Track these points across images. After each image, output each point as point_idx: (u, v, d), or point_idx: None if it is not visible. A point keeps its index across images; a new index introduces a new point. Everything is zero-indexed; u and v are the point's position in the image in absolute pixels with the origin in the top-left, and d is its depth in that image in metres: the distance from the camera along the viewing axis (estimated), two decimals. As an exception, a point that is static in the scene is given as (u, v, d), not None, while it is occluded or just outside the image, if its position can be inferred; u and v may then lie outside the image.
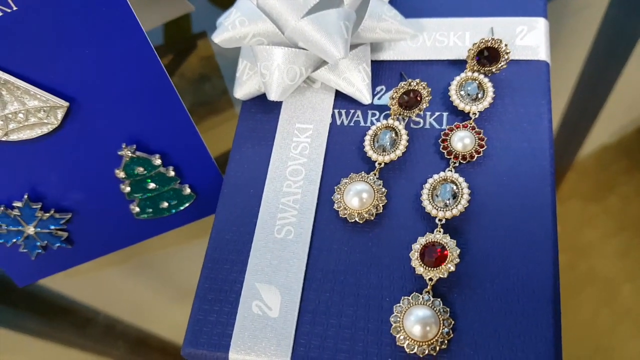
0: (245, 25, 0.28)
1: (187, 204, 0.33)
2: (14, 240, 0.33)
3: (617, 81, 0.41)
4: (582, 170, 0.38)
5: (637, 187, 0.36)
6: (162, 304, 0.38)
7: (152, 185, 0.32)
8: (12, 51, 0.27)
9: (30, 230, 0.32)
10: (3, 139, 0.29)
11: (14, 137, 0.29)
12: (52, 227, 0.32)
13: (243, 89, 0.30)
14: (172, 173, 0.32)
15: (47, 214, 0.32)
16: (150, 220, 0.34)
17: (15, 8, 0.25)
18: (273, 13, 0.29)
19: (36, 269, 0.35)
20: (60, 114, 0.28)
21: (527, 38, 0.30)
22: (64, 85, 0.28)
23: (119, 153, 0.30)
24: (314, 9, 0.28)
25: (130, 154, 0.30)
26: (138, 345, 0.36)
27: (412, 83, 0.28)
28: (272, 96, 0.28)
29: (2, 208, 0.31)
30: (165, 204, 0.33)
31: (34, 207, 0.31)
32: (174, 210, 0.33)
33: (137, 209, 0.33)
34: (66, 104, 0.28)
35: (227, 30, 0.28)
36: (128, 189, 0.32)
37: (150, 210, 0.33)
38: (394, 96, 0.28)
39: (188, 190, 0.33)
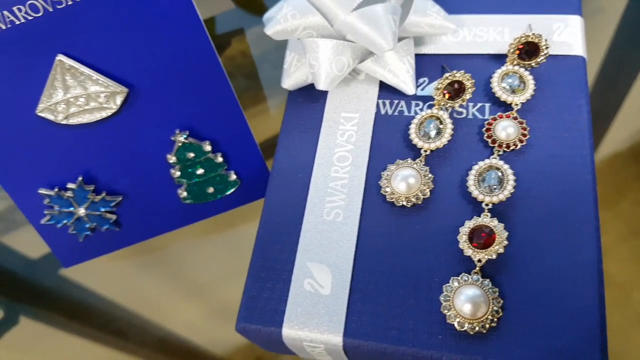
0: (296, 19, 0.30)
1: (231, 190, 0.35)
2: (65, 221, 0.34)
3: (632, 87, 0.42)
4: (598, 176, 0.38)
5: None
6: (174, 299, 0.39)
7: (200, 171, 0.33)
8: (77, 39, 0.28)
9: (81, 212, 0.33)
10: (63, 122, 0.30)
11: (73, 120, 0.30)
12: (102, 209, 0.33)
13: (291, 80, 0.32)
14: (220, 159, 0.33)
15: (99, 197, 0.33)
16: (195, 205, 0.35)
17: (85, -3, 0.27)
18: (322, 7, 0.30)
19: (82, 251, 0.36)
20: (119, 100, 0.30)
21: (563, 34, 0.31)
22: (123, 72, 0.29)
23: (172, 138, 0.31)
24: (363, 3, 0.29)
25: (182, 140, 0.31)
26: (150, 341, 0.38)
27: (456, 74, 0.29)
28: (321, 86, 0.30)
29: (56, 190, 0.32)
30: (211, 189, 0.34)
31: (87, 189, 0.32)
32: (219, 196, 0.35)
33: (185, 194, 0.34)
34: (126, 89, 0.29)
35: (279, 23, 0.30)
36: (178, 173, 0.33)
37: (197, 195, 0.34)
38: (439, 86, 0.29)
39: (234, 177, 0.34)
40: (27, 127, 0.30)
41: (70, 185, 0.32)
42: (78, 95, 0.29)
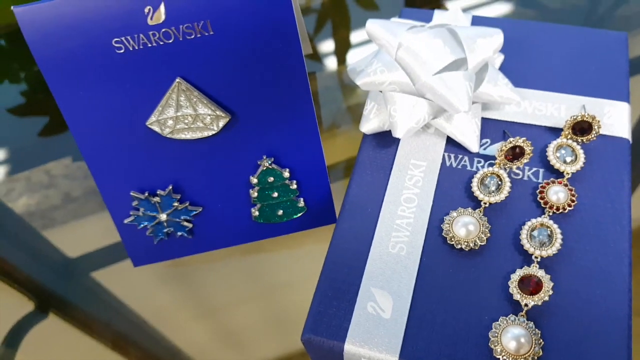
0: (384, 74, 0.34)
1: (298, 215, 0.38)
2: (145, 223, 0.37)
3: None
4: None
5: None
6: (187, 316, 0.41)
7: (275, 194, 0.37)
8: (196, 66, 0.32)
9: (163, 217, 0.37)
10: (167, 136, 0.34)
11: (177, 135, 0.34)
12: (182, 217, 0.37)
13: (368, 125, 0.36)
14: (294, 186, 0.37)
15: (182, 205, 0.37)
16: (263, 224, 0.38)
17: (212, 33, 0.31)
18: (408, 68, 0.34)
19: (153, 253, 0.39)
20: (222, 123, 0.34)
21: (612, 117, 0.35)
22: (229, 100, 0.34)
23: (259, 162, 0.35)
24: (443, 69, 0.34)
25: (267, 165, 0.35)
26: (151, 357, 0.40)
27: (519, 140, 0.33)
28: (398, 134, 0.34)
29: (146, 194, 0.36)
30: (280, 212, 0.38)
31: (174, 197, 0.36)
32: (285, 219, 0.38)
33: (257, 213, 0.38)
34: (229, 115, 0.34)
35: (368, 76, 0.34)
36: (256, 194, 0.37)
37: (267, 215, 0.38)
38: (502, 148, 0.33)
39: (302, 203, 0.38)
40: (134, 135, 0.34)
41: (160, 192, 0.36)
42: (187, 115, 0.33)
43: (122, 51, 0.31)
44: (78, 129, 0.34)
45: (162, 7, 0.30)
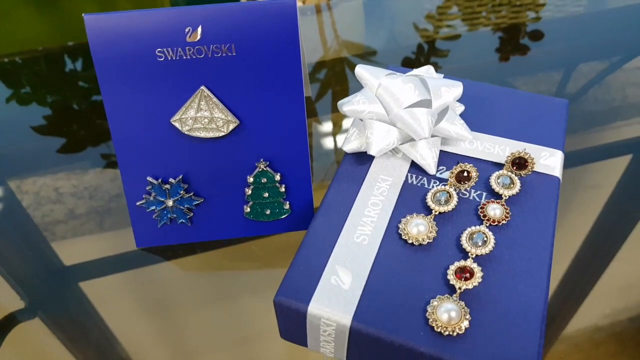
0: (365, 104, 0.42)
1: (283, 217, 0.45)
2: (153, 207, 0.44)
3: (612, 261, 0.48)
4: (573, 345, 0.43)
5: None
6: (160, 355, 0.43)
7: (266, 195, 0.44)
8: (218, 77, 0.41)
9: (170, 203, 0.44)
10: (186, 133, 0.42)
11: (194, 133, 0.42)
12: (186, 205, 0.44)
13: (350, 145, 0.44)
14: (282, 190, 0.44)
15: (187, 195, 0.44)
16: (253, 221, 0.45)
17: (234, 54, 0.40)
18: (384, 102, 0.43)
19: (156, 236, 0.46)
20: (231, 127, 0.42)
21: (548, 160, 0.43)
22: (239, 108, 0.42)
23: (256, 164, 0.43)
24: (412, 105, 0.42)
25: (263, 167, 0.43)
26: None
27: (467, 166, 0.41)
28: (372, 152, 0.42)
29: (159, 181, 0.43)
30: (268, 212, 0.45)
31: (182, 186, 0.43)
32: (272, 218, 0.45)
33: (248, 210, 0.45)
34: (238, 121, 0.42)
35: (352, 105, 0.42)
36: (249, 192, 0.44)
37: (256, 213, 0.45)
38: (453, 171, 0.41)
39: (287, 206, 0.45)
40: (158, 129, 0.42)
41: (171, 180, 0.43)
42: (205, 117, 0.41)
43: (162, 59, 0.40)
44: (115, 119, 0.42)
45: (199, 29, 0.39)
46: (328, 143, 0.62)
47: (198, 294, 0.46)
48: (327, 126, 0.63)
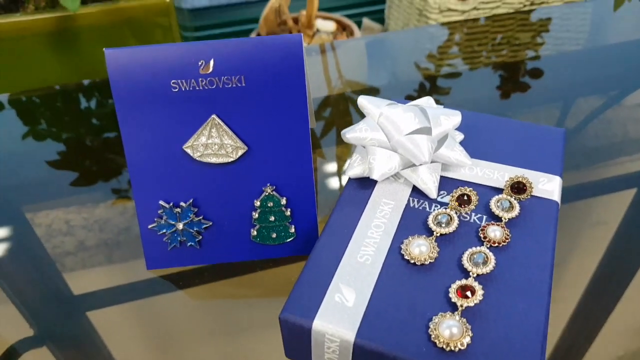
0: (368, 132, 0.44)
1: (288, 240, 0.46)
2: (164, 230, 0.46)
3: (619, 302, 0.47)
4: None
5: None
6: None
7: (272, 218, 0.46)
8: (228, 107, 0.43)
9: (180, 226, 0.45)
10: (197, 159, 0.44)
11: (205, 159, 0.44)
12: (195, 228, 0.46)
13: (353, 171, 0.46)
14: (288, 213, 0.46)
15: (197, 218, 0.45)
16: (259, 244, 0.47)
17: (244, 85, 0.43)
18: (386, 129, 0.45)
19: (166, 259, 0.47)
20: (240, 153, 0.44)
21: (546, 185, 0.45)
22: (247, 135, 0.44)
23: (263, 189, 0.45)
24: (413, 132, 0.44)
25: (269, 192, 0.45)
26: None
27: (467, 190, 0.42)
28: (374, 176, 0.43)
29: (171, 204, 0.45)
30: (274, 235, 0.46)
31: (192, 210, 0.45)
32: (277, 242, 0.46)
33: (255, 233, 0.46)
34: (246, 147, 0.44)
35: (355, 132, 0.44)
36: (256, 216, 0.45)
37: (263, 236, 0.46)
38: (454, 195, 0.42)
39: (292, 230, 0.46)
40: (171, 155, 0.44)
41: (182, 204, 0.45)
42: (215, 143, 0.44)
43: (176, 90, 0.43)
44: (130, 146, 0.44)
45: (211, 62, 0.42)
46: (332, 176, 0.63)
47: (206, 324, 0.47)
48: (332, 159, 0.65)
